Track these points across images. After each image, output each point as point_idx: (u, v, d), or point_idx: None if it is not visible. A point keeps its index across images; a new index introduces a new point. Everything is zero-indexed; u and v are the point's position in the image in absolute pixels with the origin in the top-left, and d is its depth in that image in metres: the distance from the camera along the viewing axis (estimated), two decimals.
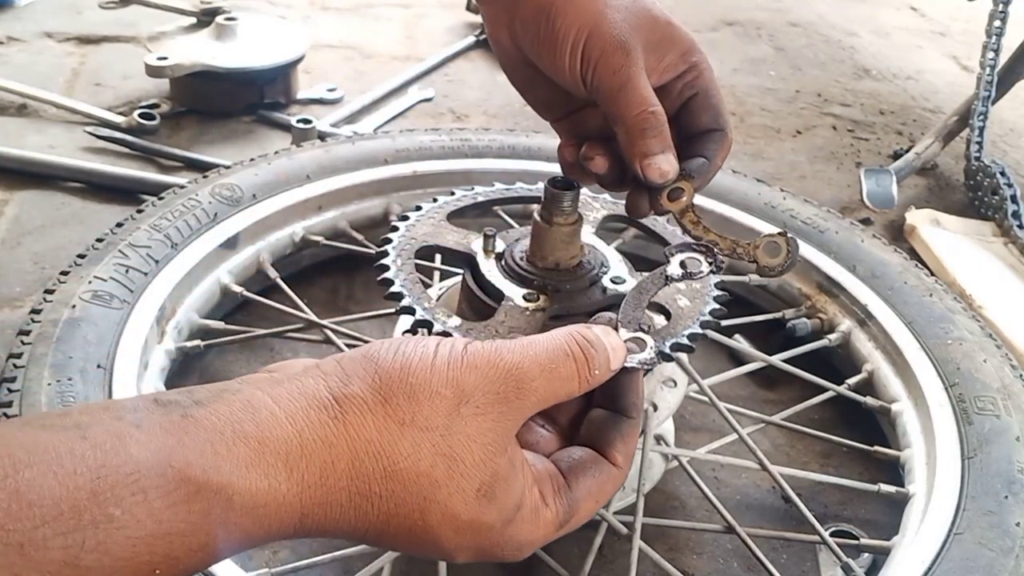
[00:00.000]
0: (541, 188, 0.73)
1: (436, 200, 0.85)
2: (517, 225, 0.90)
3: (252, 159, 1.16)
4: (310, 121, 1.46)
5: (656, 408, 0.87)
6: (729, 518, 0.82)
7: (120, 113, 1.51)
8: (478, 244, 0.78)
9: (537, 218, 0.72)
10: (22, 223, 1.25)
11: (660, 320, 0.72)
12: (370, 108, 1.65)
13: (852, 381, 1.02)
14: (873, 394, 1.01)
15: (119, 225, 1.01)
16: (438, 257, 0.88)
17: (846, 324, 1.07)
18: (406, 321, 0.73)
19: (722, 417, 0.91)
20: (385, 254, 0.77)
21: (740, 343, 1.11)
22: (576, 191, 0.71)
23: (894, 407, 0.98)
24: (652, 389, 0.88)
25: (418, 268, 0.76)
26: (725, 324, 0.95)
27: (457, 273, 0.91)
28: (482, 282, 0.75)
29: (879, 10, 2.44)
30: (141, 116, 1.47)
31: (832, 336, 1.07)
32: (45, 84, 1.58)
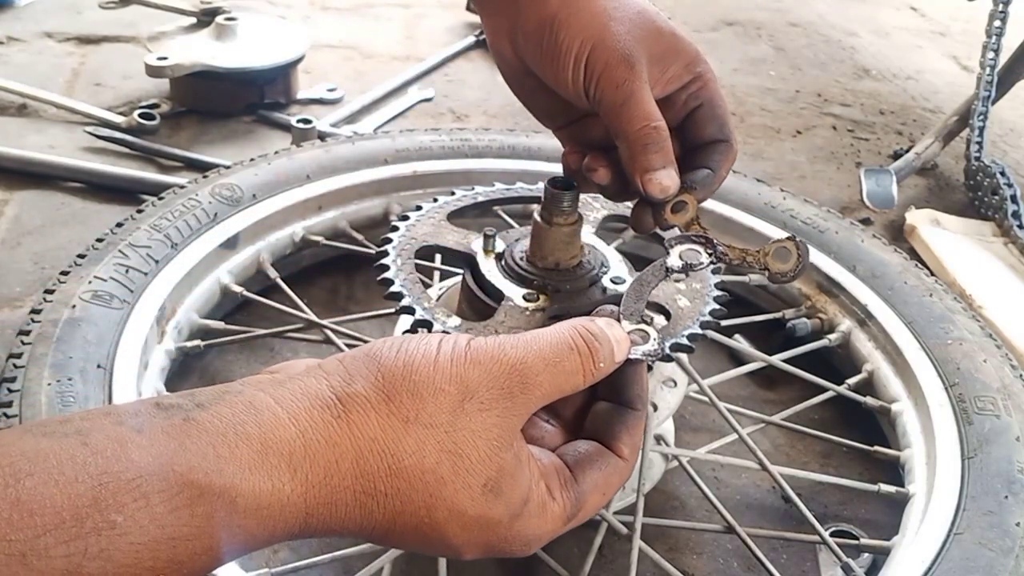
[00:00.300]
0: (541, 188, 0.73)
1: (436, 200, 0.85)
2: (517, 225, 0.89)
3: (252, 159, 1.16)
4: (310, 121, 1.46)
5: (656, 408, 0.87)
6: (729, 518, 0.82)
7: (120, 113, 1.51)
8: (478, 244, 0.78)
9: (537, 218, 0.72)
10: (22, 223, 1.25)
11: (660, 320, 0.72)
12: (370, 108, 1.65)
13: (852, 381, 1.02)
14: (873, 394, 1.01)
15: (119, 225, 1.01)
16: (438, 257, 0.88)
17: (846, 324, 1.07)
18: (406, 321, 0.73)
19: (722, 417, 0.91)
20: (385, 254, 0.77)
21: (740, 343, 1.11)
22: (576, 191, 0.71)
23: (894, 407, 0.98)
24: (652, 389, 0.87)
25: (418, 268, 0.76)
26: (725, 324, 0.95)
27: (457, 273, 0.91)
28: (482, 282, 0.75)
29: (879, 10, 2.44)
30: (141, 116, 1.47)
31: (832, 336, 1.07)
32: (45, 84, 1.58)
